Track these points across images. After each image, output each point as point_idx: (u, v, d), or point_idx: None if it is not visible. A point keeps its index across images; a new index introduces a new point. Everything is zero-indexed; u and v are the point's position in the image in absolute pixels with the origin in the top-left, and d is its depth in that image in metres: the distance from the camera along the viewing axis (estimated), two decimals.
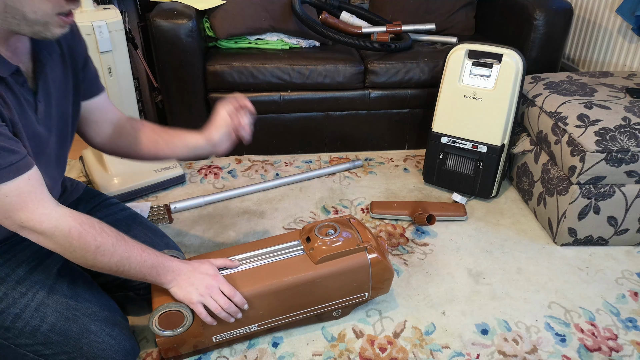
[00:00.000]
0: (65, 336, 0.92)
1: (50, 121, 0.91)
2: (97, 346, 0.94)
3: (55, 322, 0.92)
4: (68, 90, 0.96)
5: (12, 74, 0.80)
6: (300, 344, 1.12)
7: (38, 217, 0.80)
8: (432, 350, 1.11)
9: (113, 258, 0.87)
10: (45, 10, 0.75)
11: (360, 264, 1.08)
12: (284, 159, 1.94)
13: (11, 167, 0.76)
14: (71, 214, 0.84)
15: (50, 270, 0.97)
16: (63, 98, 0.95)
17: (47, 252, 0.97)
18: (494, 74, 1.52)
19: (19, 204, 0.78)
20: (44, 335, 0.91)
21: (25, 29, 0.76)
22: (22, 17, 0.74)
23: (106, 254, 0.86)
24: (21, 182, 0.78)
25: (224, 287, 0.98)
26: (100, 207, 1.16)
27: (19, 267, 0.94)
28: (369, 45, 1.81)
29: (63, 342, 0.92)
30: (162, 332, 0.98)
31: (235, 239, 1.47)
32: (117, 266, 0.89)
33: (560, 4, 1.76)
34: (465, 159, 1.63)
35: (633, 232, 1.41)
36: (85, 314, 0.95)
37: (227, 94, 1.80)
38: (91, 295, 0.99)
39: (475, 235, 1.50)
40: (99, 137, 1.09)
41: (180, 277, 0.96)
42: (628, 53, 1.87)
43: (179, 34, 1.64)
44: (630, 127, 1.30)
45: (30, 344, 0.91)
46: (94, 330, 0.94)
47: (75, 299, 0.96)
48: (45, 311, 0.92)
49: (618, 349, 1.12)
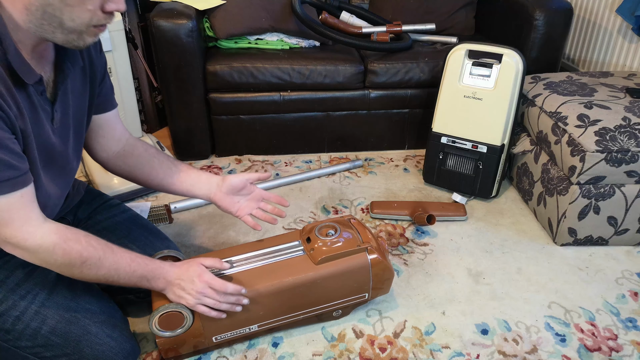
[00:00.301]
0: (66, 338, 0.92)
1: (65, 132, 0.92)
2: (98, 348, 0.94)
3: (56, 324, 0.92)
4: (84, 102, 0.97)
5: (34, 82, 0.80)
6: (300, 344, 1.12)
7: (22, 234, 0.80)
8: (432, 350, 1.11)
9: (100, 271, 0.88)
10: (83, 20, 0.76)
11: (361, 265, 1.08)
12: (284, 159, 1.94)
13: (7, 182, 0.76)
14: (57, 231, 0.84)
15: (48, 273, 0.96)
16: (79, 109, 0.96)
17: None
18: (494, 74, 1.52)
19: (5, 220, 0.78)
20: (44, 337, 0.91)
21: (59, 37, 0.77)
22: (59, 24, 0.75)
23: (93, 268, 0.87)
24: (13, 199, 0.78)
25: (214, 283, 0.96)
26: (101, 210, 1.16)
27: (17, 269, 0.93)
28: (369, 45, 1.81)
29: (64, 344, 0.92)
30: (162, 332, 0.98)
31: (235, 239, 1.47)
32: (106, 277, 0.89)
33: (560, 4, 1.76)
34: (465, 159, 1.63)
35: (633, 232, 1.41)
36: (85, 316, 0.95)
37: (227, 94, 1.80)
38: (91, 298, 0.99)
39: (475, 235, 1.50)
40: (104, 153, 1.10)
41: (171, 284, 0.96)
42: (628, 53, 1.87)
43: (179, 34, 1.64)
44: (630, 127, 1.30)
45: (31, 346, 0.91)
46: (94, 332, 0.94)
47: (75, 301, 0.96)
48: (46, 313, 0.92)
49: (618, 349, 1.12)
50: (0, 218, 0.78)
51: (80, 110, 0.96)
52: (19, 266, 0.94)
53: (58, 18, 0.74)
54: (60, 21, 0.75)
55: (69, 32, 0.76)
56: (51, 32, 0.76)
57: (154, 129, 2.17)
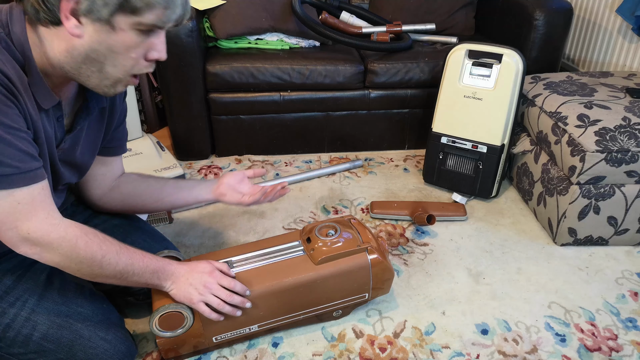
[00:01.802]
0: (58, 344, 0.91)
1: (66, 164, 0.93)
2: (91, 351, 0.93)
3: (47, 330, 0.90)
4: (97, 144, 0.99)
5: (51, 107, 0.81)
6: (300, 344, 1.12)
7: (46, 227, 0.79)
8: (432, 350, 1.11)
9: (118, 266, 0.87)
10: (125, 67, 0.77)
11: (361, 265, 1.08)
12: (284, 159, 1.94)
13: (29, 173, 0.76)
14: (76, 224, 0.84)
15: (37, 278, 0.95)
16: (87, 149, 0.97)
17: (32, 261, 0.94)
18: (494, 74, 1.52)
19: (29, 212, 0.77)
20: (36, 343, 0.90)
21: (92, 81, 0.78)
22: (99, 69, 0.76)
23: (112, 262, 0.86)
24: (35, 191, 0.77)
25: (223, 280, 0.97)
26: (97, 213, 1.16)
27: (5, 276, 0.91)
28: (369, 45, 1.81)
29: (56, 350, 0.91)
30: (163, 333, 0.98)
31: (235, 239, 1.47)
32: (122, 274, 0.88)
33: (560, 4, 1.76)
34: (465, 159, 1.63)
35: (633, 232, 1.41)
36: (77, 319, 0.93)
37: (227, 94, 1.80)
38: (83, 300, 0.97)
39: (475, 235, 1.50)
40: (99, 190, 1.10)
41: (179, 279, 0.96)
42: (628, 53, 1.87)
43: (179, 34, 1.64)
44: (630, 127, 1.30)
45: (24, 352, 0.90)
46: (87, 336, 0.93)
47: (67, 305, 0.94)
48: (37, 319, 0.90)
49: (618, 349, 1.12)
50: (24, 211, 0.77)
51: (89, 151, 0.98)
52: (7, 273, 0.92)
53: (101, 64, 0.75)
54: (102, 66, 0.75)
55: (105, 77, 0.77)
56: (86, 77, 0.77)
57: (154, 129, 2.17)
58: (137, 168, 1.67)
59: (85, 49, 0.74)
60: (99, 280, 0.89)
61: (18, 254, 0.82)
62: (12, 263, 0.94)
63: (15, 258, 0.94)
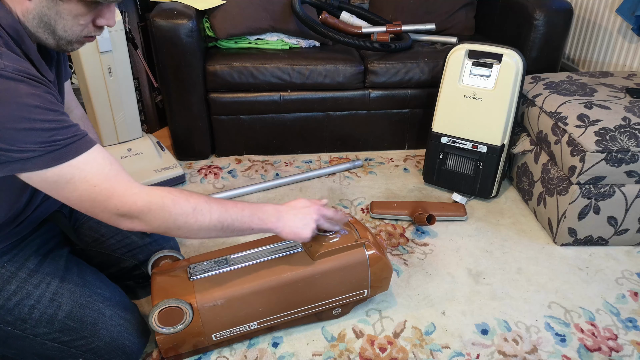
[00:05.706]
0: (82, 322, 0.95)
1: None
2: (114, 329, 0.97)
3: (72, 309, 0.95)
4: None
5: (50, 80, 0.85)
6: (300, 344, 1.12)
7: (130, 198, 0.80)
8: (432, 350, 1.11)
9: (213, 215, 0.88)
10: (75, 31, 0.80)
11: (359, 260, 1.08)
12: (284, 159, 1.94)
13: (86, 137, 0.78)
14: (156, 187, 0.85)
15: (57, 262, 0.99)
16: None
17: (51, 247, 1.02)
18: (494, 74, 1.52)
19: (108, 190, 0.79)
20: (61, 322, 0.94)
21: (50, 42, 0.81)
22: (52, 32, 0.79)
23: (205, 213, 0.87)
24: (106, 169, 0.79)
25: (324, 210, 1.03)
26: None
27: (28, 260, 0.96)
28: (369, 45, 1.81)
29: (81, 328, 0.95)
30: (162, 329, 0.98)
31: (235, 239, 1.47)
32: (221, 222, 0.89)
33: (560, 4, 1.76)
34: (465, 159, 1.63)
35: (633, 232, 1.41)
36: (98, 300, 0.98)
37: (227, 94, 1.81)
38: (101, 283, 1.03)
39: (475, 235, 1.50)
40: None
41: (285, 216, 0.97)
42: (628, 53, 1.87)
43: (179, 34, 1.64)
44: (630, 127, 1.30)
45: (49, 332, 0.93)
46: (109, 315, 0.98)
47: (87, 287, 0.99)
48: (61, 300, 0.95)
49: (618, 349, 1.12)
50: (103, 192, 0.78)
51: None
52: (30, 257, 0.96)
53: (52, 26, 0.79)
54: (54, 29, 0.79)
55: (60, 39, 0.81)
56: (45, 38, 0.80)
57: (154, 129, 2.17)
58: (137, 168, 1.68)
59: (38, 12, 0.77)
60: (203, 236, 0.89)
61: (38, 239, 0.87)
62: (33, 247, 0.98)
63: (34, 242, 0.99)
